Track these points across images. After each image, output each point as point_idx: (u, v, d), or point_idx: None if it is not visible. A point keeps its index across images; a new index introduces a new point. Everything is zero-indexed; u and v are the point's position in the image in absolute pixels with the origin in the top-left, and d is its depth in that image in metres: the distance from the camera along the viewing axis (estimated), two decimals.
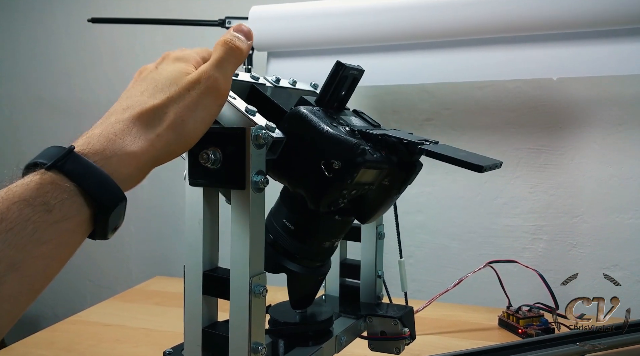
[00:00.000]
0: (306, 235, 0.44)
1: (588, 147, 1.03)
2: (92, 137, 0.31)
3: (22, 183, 0.27)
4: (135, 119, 0.32)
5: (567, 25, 0.84)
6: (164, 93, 0.34)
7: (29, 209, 0.26)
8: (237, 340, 0.38)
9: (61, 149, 0.30)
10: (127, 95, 0.35)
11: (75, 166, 0.28)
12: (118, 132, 0.31)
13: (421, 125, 1.11)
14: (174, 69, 0.36)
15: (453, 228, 1.11)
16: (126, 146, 0.31)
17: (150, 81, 0.35)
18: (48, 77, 1.41)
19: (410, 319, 0.52)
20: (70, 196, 0.28)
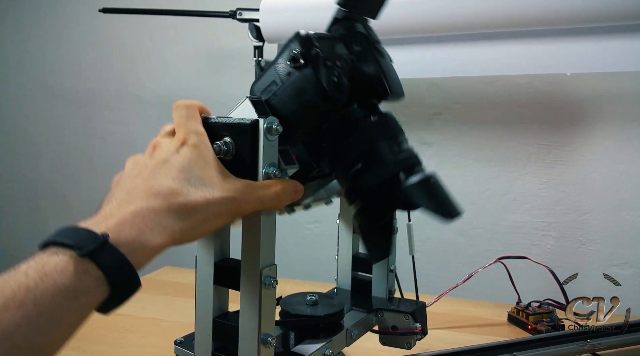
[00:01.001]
0: None
1: (599, 143, 1.02)
2: (123, 225, 0.31)
3: (53, 268, 0.28)
4: (167, 212, 0.32)
5: (582, 20, 0.83)
6: (202, 188, 0.34)
7: (60, 297, 0.27)
8: (246, 331, 0.38)
9: (89, 234, 0.30)
10: (149, 174, 0.34)
11: (109, 260, 0.29)
12: (149, 223, 0.31)
13: (430, 119, 1.10)
14: (209, 164, 0.36)
15: (460, 224, 1.10)
16: (153, 238, 0.31)
17: (178, 167, 0.34)
18: (58, 67, 1.41)
19: (422, 314, 0.52)
20: (98, 284, 0.29)
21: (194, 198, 0.33)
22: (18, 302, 0.26)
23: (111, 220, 0.31)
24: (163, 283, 0.91)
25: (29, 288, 0.26)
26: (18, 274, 0.27)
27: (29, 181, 1.49)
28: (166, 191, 0.33)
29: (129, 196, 0.33)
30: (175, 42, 1.29)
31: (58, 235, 0.30)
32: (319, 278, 0.86)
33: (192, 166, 0.34)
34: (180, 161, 0.35)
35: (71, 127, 1.42)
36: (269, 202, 0.36)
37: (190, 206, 0.33)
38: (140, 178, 0.34)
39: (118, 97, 1.36)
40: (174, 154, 0.35)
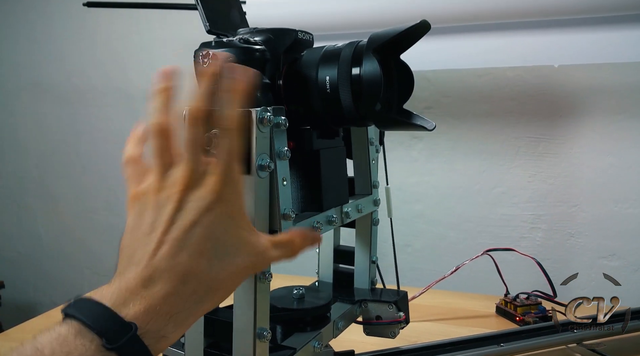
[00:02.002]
0: None
1: (587, 136, 1.02)
2: (150, 314, 0.29)
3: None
4: (193, 295, 0.30)
5: (569, 12, 0.84)
6: (225, 259, 0.31)
7: None
8: (241, 326, 0.37)
9: (118, 322, 0.28)
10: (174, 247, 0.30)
11: (135, 353, 0.28)
12: (173, 312, 0.29)
13: (421, 113, 1.10)
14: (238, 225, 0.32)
15: (451, 217, 1.11)
16: (176, 330, 0.30)
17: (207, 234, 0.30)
18: (43, 63, 1.40)
19: (404, 303, 0.52)
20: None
21: (221, 276, 0.31)
22: None
23: (138, 302, 0.29)
24: None
25: None
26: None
27: (15, 178, 1.47)
28: (192, 272, 0.30)
29: (153, 274, 0.29)
30: (162, 36, 1.28)
31: (84, 311, 0.28)
32: (298, 271, 0.85)
33: (223, 230, 0.31)
34: (211, 225, 0.30)
35: (58, 124, 1.40)
36: (286, 258, 0.35)
37: (215, 286, 0.31)
38: (164, 249, 0.30)
39: (105, 93, 1.34)
40: (207, 212, 0.30)
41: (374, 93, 0.39)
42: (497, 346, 0.57)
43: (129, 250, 0.31)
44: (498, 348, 0.57)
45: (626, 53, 0.85)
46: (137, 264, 0.30)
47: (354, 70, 0.39)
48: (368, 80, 0.39)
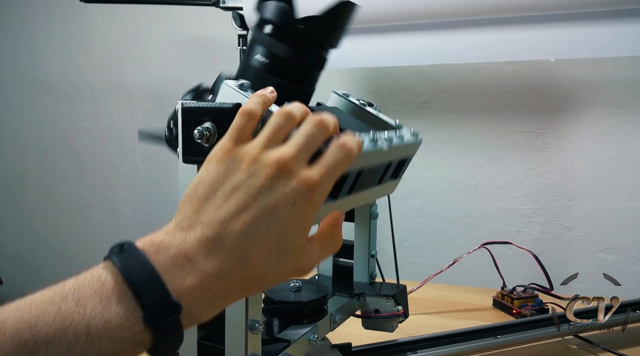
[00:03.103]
0: None
1: (585, 130, 1.02)
2: (196, 294, 0.28)
3: (116, 330, 0.26)
4: (242, 283, 0.29)
5: (565, 6, 0.84)
6: (280, 261, 0.30)
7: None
8: (234, 318, 0.37)
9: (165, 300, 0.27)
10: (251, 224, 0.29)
11: (170, 335, 0.27)
12: (219, 295, 0.29)
13: (419, 108, 1.10)
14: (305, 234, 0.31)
15: (449, 212, 1.11)
16: (213, 310, 0.29)
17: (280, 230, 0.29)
18: (41, 59, 1.39)
19: (403, 297, 0.52)
20: (144, 348, 0.27)
21: (269, 272, 0.30)
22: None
23: (190, 276, 0.27)
24: None
25: (83, 347, 0.25)
26: (81, 324, 0.25)
27: (14, 175, 1.47)
28: (252, 261, 0.29)
29: (220, 241, 0.28)
30: (159, 32, 1.28)
31: (134, 270, 0.27)
32: None
33: (293, 232, 0.30)
34: (286, 221, 0.29)
35: (56, 120, 1.40)
36: (331, 252, 0.34)
37: (261, 281, 0.30)
38: (242, 220, 0.29)
39: (102, 88, 1.34)
40: (288, 205, 0.29)
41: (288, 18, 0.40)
42: (494, 339, 0.57)
43: (200, 202, 0.29)
44: (494, 340, 0.57)
45: (623, 48, 0.85)
46: (207, 224, 0.29)
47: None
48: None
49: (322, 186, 0.30)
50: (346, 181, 0.39)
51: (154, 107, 1.31)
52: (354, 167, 0.39)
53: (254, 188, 0.29)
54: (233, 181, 0.29)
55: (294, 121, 0.32)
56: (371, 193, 0.47)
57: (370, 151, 0.40)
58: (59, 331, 0.24)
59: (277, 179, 0.29)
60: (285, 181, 0.29)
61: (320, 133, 0.31)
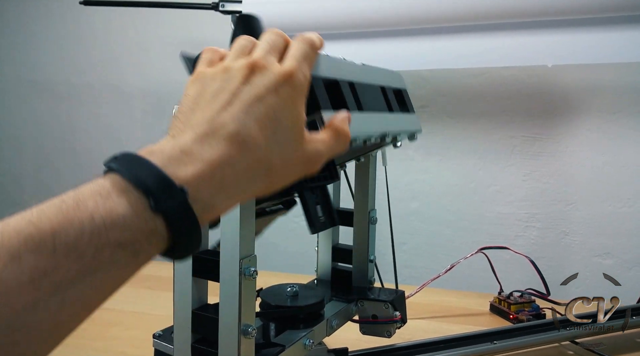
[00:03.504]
0: None
1: (582, 135, 1.03)
2: (202, 179, 0.27)
3: (121, 218, 0.24)
4: (247, 170, 0.29)
5: (563, 12, 0.84)
6: (282, 147, 0.30)
7: (120, 253, 0.24)
8: (227, 322, 0.38)
9: (167, 183, 0.26)
10: (240, 112, 0.29)
11: (182, 221, 0.26)
12: (226, 182, 0.28)
13: (417, 112, 1.10)
14: (300, 118, 0.31)
15: (446, 215, 1.11)
16: (227, 199, 0.28)
17: (271, 114, 0.30)
18: (40, 60, 1.39)
19: (401, 303, 0.52)
20: (160, 242, 0.26)
21: (274, 158, 0.30)
22: (79, 254, 0.23)
23: (191, 165, 0.27)
24: (147, 276, 0.90)
25: (92, 237, 0.23)
26: (83, 215, 0.24)
27: (12, 176, 1.47)
28: (252, 144, 0.29)
29: (213, 134, 0.28)
30: (158, 35, 1.28)
31: (131, 165, 0.26)
32: (305, 270, 0.86)
33: (284, 116, 0.30)
34: (275, 106, 0.30)
35: (55, 121, 1.40)
36: (339, 148, 0.34)
37: (269, 168, 0.30)
38: (229, 113, 0.29)
39: (101, 90, 1.34)
40: (272, 93, 0.30)
41: None
42: (490, 344, 0.57)
43: (186, 115, 0.30)
44: (491, 345, 0.57)
45: (620, 54, 0.86)
46: (196, 125, 0.29)
47: None
48: None
49: (298, 72, 0.31)
50: (342, 89, 0.39)
51: (153, 109, 1.31)
52: (340, 76, 0.39)
53: (234, 87, 0.30)
54: (212, 89, 0.30)
55: (253, 42, 0.34)
56: (387, 118, 0.46)
57: (343, 61, 0.41)
58: (62, 224, 0.23)
59: (253, 76, 0.30)
60: (261, 75, 0.30)
61: (279, 38, 0.33)
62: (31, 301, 0.22)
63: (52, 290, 0.22)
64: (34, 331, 0.22)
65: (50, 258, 0.23)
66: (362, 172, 0.55)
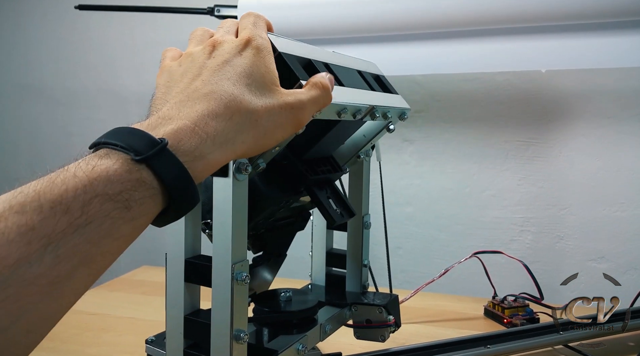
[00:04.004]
0: None
1: (576, 140, 1.03)
2: (183, 132, 0.28)
3: (104, 172, 0.25)
4: (230, 120, 0.30)
5: (557, 18, 0.85)
6: (261, 97, 0.32)
7: (109, 205, 0.24)
8: (219, 327, 0.37)
9: (146, 137, 0.26)
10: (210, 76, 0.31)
11: (167, 167, 0.26)
12: (210, 132, 0.29)
13: (412, 117, 1.11)
14: (270, 70, 0.33)
15: (441, 220, 1.11)
16: (214, 150, 0.29)
17: (240, 71, 0.32)
18: (35, 64, 1.39)
19: (395, 307, 0.52)
20: (152, 195, 0.26)
21: (254, 106, 0.31)
22: (65, 207, 0.23)
23: (169, 124, 0.28)
24: (140, 282, 0.90)
25: (76, 192, 0.24)
26: (66, 175, 0.25)
27: (8, 181, 1.46)
28: (228, 97, 0.30)
29: (189, 99, 0.30)
30: (154, 39, 1.28)
31: (111, 136, 0.27)
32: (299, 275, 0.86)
33: (253, 71, 0.32)
34: (242, 64, 0.32)
35: (50, 125, 1.40)
36: (322, 99, 0.35)
37: (253, 116, 0.31)
38: (199, 80, 0.31)
39: (97, 95, 1.34)
40: (236, 56, 0.32)
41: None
42: (484, 348, 0.57)
43: (161, 99, 0.31)
44: (484, 349, 0.57)
45: (613, 59, 0.86)
46: (171, 98, 0.30)
47: None
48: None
49: (255, 35, 0.34)
50: (317, 67, 0.40)
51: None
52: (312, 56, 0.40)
53: (200, 62, 0.32)
54: (180, 71, 0.33)
55: (209, 31, 0.37)
56: (371, 94, 0.47)
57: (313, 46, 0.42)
58: (46, 186, 0.24)
59: (215, 50, 0.33)
60: (222, 46, 0.33)
61: (232, 23, 0.36)
62: (23, 255, 0.22)
63: (44, 244, 0.23)
64: (33, 285, 0.22)
65: (36, 215, 0.23)
66: (355, 178, 0.55)
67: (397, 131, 1.19)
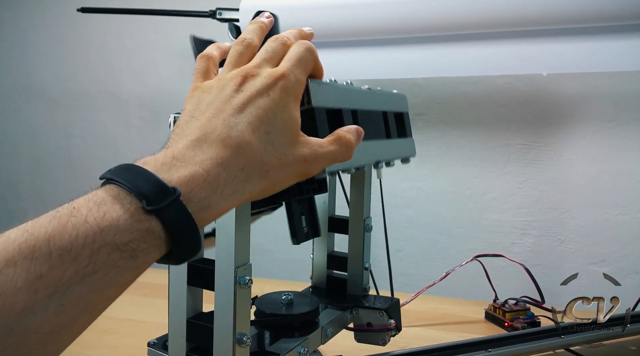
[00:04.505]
0: None
1: (577, 143, 1.03)
2: (195, 181, 0.27)
3: (115, 220, 0.25)
4: (242, 170, 0.29)
5: (558, 21, 0.85)
6: (277, 147, 0.30)
7: (116, 254, 0.25)
8: (221, 331, 0.38)
9: (159, 185, 0.26)
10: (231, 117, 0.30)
11: (177, 219, 0.26)
12: (221, 182, 0.28)
13: (413, 120, 1.11)
14: (294, 118, 0.32)
15: (442, 223, 1.11)
16: (222, 201, 0.28)
17: (262, 116, 0.30)
18: (36, 66, 1.39)
19: (396, 311, 0.52)
20: (159, 245, 0.26)
21: (269, 159, 0.30)
22: (73, 256, 0.23)
23: (183, 169, 0.27)
24: (143, 284, 0.90)
25: (86, 240, 0.24)
26: (78, 220, 0.24)
27: (8, 183, 1.47)
28: (245, 146, 0.29)
29: (206, 140, 0.29)
30: (155, 42, 1.28)
31: (123, 174, 0.27)
32: (300, 278, 0.86)
33: (276, 117, 0.31)
34: (265, 107, 0.30)
35: (50, 127, 1.40)
36: (341, 155, 0.34)
37: (265, 169, 0.30)
38: (220, 118, 0.30)
39: (98, 97, 1.34)
40: (262, 96, 0.31)
41: None
42: (485, 352, 0.57)
43: (182, 127, 0.31)
44: (485, 353, 0.57)
45: (614, 63, 0.86)
46: (189, 134, 0.29)
47: None
48: None
49: (290, 74, 0.32)
50: (344, 118, 0.39)
51: (149, 116, 1.31)
52: (343, 105, 0.40)
53: (226, 96, 0.31)
54: (206, 101, 0.31)
55: (251, 49, 0.34)
56: (383, 145, 0.47)
57: (349, 88, 0.42)
58: (56, 229, 0.24)
59: (245, 83, 0.31)
60: (253, 81, 0.31)
61: (280, 46, 0.34)
62: (29, 304, 0.22)
63: (50, 293, 0.23)
64: (34, 334, 0.22)
65: (45, 262, 0.23)
66: (357, 180, 0.55)
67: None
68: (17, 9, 1.39)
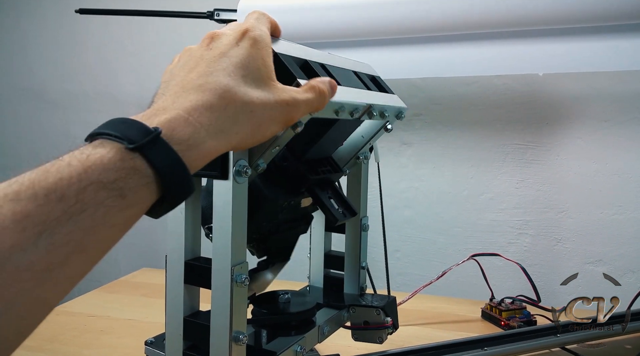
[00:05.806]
0: None
1: (574, 143, 1.04)
2: (176, 122, 0.28)
3: (98, 160, 0.25)
4: (224, 110, 0.30)
5: (554, 21, 0.85)
6: (257, 90, 0.32)
7: (104, 193, 0.25)
8: (218, 329, 0.38)
9: (140, 127, 0.27)
10: (206, 68, 0.31)
11: (161, 156, 0.27)
12: (204, 121, 0.29)
13: (410, 120, 1.12)
14: (267, 64, 0.34)
15: (440, 223, 1.12)
16: (208, 139, 0.29)
17: (236, 62, 0.32)
18: (35, 67, 1.40)
19: (393, 309, 0.52)
20: (146, 184, 0.26)
21: (250, 97, 0.31)
22: (59, 195, 0.24)
23: (163, 115, 0.28)
24: (140, 284, 0.91)
25: (71, 180, 0.24)
26: (61, 164, 0.25)
27: None
28: (223, 88, 0.30)
29: (184, 90, 0.30)
30: (154, 43, 1.28)
31: (105, 126, 0.27)
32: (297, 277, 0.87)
33: (250, 63, 0.32)
34: (238, 55, 0.32)
35: (49, 129, 1.40)
36: (317, 103, 0.36)
37: (247, 107, 0.31)
38: (195, 72, 0.31)
39: (97, 99, 1.34)
40: (233, 47, 0.33)
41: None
42: (481, 351, 0.57)
43: (162, 87, 0.32)
44: (482, 352, 0.57)
45: (610, 63, 0.87)
46: (169, 90, 0.31)
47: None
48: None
49: (255, 27, 0.34)
50: (313, 67, 0.40)
51: None
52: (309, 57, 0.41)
53: (197, 55, 0.33)
54: (179, 65, 0.33)
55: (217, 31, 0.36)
56: (368, 93, 0.47)
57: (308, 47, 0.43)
58: (40, 174, 0.24)
59: (213, 42, 0.33)
60: (219, 39, 0.33)
61: (238, 23, 0.36)
62: (17, 242, 0.22)
63: (38, 231, 0.23)
64: (26, 272, 0.23)
65: (31, 202, 0.23)
66: (354, 180, 0.55)
67: (395, 134, 1.20)
68: (17, 10, 1.39)
